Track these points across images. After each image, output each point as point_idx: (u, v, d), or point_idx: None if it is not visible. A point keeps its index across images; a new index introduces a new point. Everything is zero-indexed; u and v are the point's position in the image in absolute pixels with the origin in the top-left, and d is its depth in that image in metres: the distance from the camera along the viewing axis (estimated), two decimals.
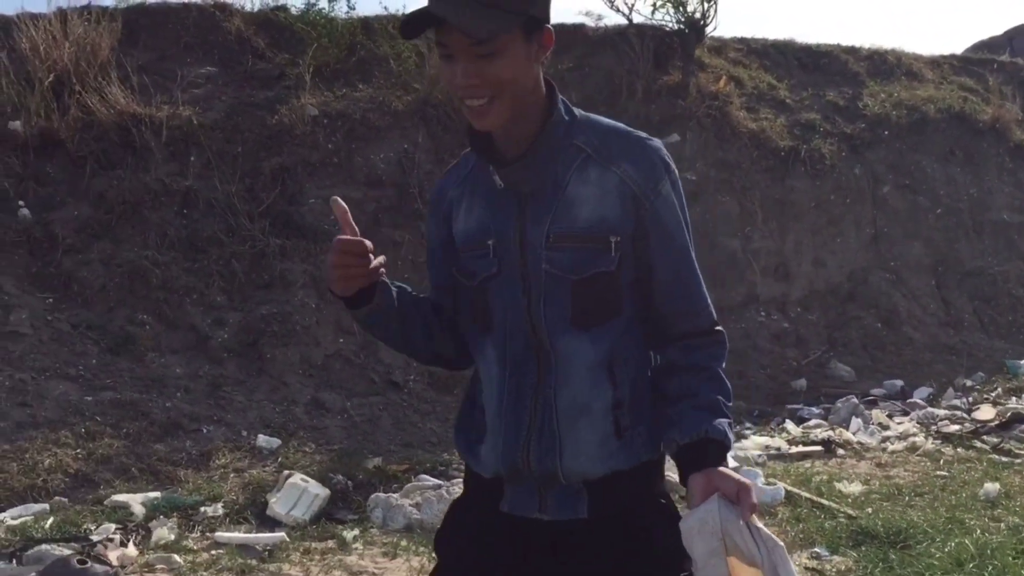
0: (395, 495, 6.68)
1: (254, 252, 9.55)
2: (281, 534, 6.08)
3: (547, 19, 2.28)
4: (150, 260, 9.14)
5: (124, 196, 9.43)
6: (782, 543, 2.07)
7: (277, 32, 11.68)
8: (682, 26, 12.85)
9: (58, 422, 7.42)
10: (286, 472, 6.75)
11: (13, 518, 6.30)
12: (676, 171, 2.37)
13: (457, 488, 6.39)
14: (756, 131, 12.66)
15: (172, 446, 7.52)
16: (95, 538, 5.91)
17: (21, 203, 9.23)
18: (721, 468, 2.16)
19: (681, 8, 12.77)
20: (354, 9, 12.16)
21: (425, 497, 6.56)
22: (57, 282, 8.86)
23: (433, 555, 2.65)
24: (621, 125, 2.40)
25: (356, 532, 6.20)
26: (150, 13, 11.27)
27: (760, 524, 2.08)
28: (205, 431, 7.79)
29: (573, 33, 13.20)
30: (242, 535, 6.11)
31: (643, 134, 2.37)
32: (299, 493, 6.49)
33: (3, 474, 6.75)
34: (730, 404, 2.32)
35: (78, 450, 7.15)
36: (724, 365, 2.37)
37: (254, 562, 5.74)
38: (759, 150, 12.53)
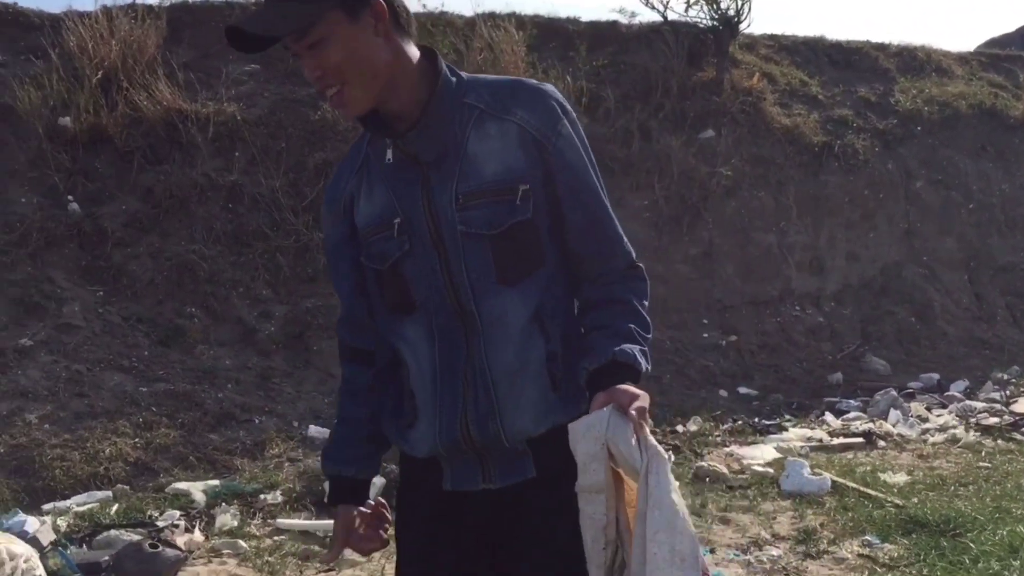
0: None
1: (298, 246, 9.69)
2: None
3: None
4: (197, 254, 9.30)
5: (171, 191, 9.59)
6: (667, 456, 2.06)
7: None
8: (716, 23, 12.93)
9: (115, 412, 7.57)
10: None
11: (79, 505, 6.46)
12: (572, 112, 2.34)
13: None
14: (790, 127, 12.74)
15: (226, 436, 7.66)
16: (161, 524, 6.05)
17: (70, 198, 9.38)
18: (622, 385, 2.13)
19: (715, 5, 12.86)
20: None
21: None
22: (107, 275, 9.01)
23: None
24: (508, 77, 2.42)
25: None
26: (193, 11, 11.43)
27: (651, 438, 2.05)
28: (257, 421, 7.93)
29: (607, 30, 13.35)
30: (303, 521, 6.24)
31: (534, 81, 2.36)
32: None
33: (66, 462, 6.90)
34: (647, 335, 2.29)
35: (136, 439, 7.30)
36: (645, 302, 2.35)
37: (316, 548, 5.86)
38: (793, 146, 12.61)
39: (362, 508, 2.52)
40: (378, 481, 6.65)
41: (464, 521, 2.38)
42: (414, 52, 2.28)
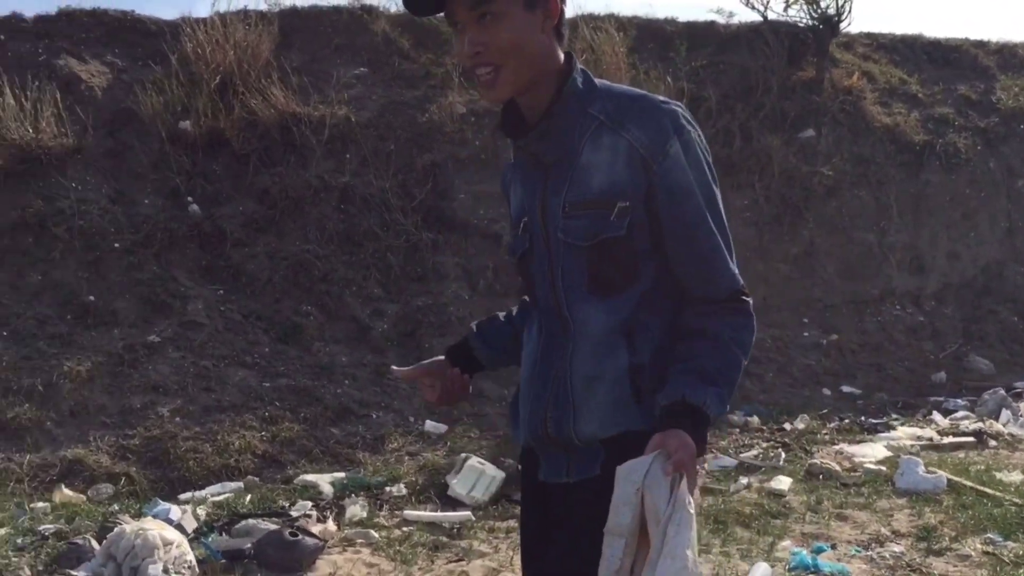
0: None
1: (408, 246, 9.91)
2: (467, 513, 6.40)
3: None
4: (311, 253, 9.57)
5: (286, 192, 9.87)
6: (694, 512, 2.08)
7: (421, 33, 12.01)
8: (816, 22, 12.93)
9: (241, 406, 7.86)
10: (463, 455, 7.06)
11: (213, 495, 6.75)
12: (692, 132, 2.32)
13: None
14: (890, 126, 12.70)
15: (346, 430, 7.92)
16: (294, 514, 6.30)
17: (190, 199, 9.70)
18: (679, 430, 2.16)
19: (815, 4, 12.86)
20: None
21: None
22: (226, 274, 9.31)
23: None
24: (638, 91, 2.41)
25: None
26: (302, 16, 11.71)
27: (687, 493, 2.07)
28: (375, 416, 8.18)
29: (704, 30, 13.39)
30: (430, 513, 6.45)
31: (660, 98, 2.36)
32: (477, 475, 6.81)
33: (199, 454, 7.21)
34: (733, 374, 2.29)
35: (263, 432, 7.58)
36: (742, 336, 2.33)
37: (444, 539, 6.06)
38: (894, 144, 12.57)
39: (456, 369, 2.72)
40: (497, 474, 6.87)
41: (549, 515, 2.47)
42: (561, 58, 2.35)
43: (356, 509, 6.44)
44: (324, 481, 6.92)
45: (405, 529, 6.23)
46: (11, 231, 8.92)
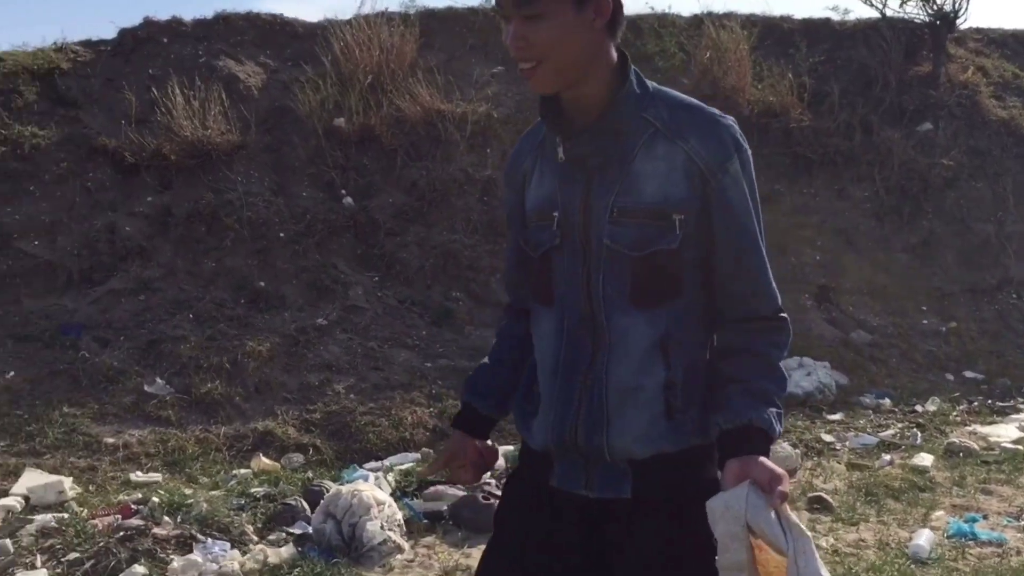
0: None
1: None
2: None
3: None
4: (458, 243, 10.15)
5: (433, 184, 10.46)
6: (810, 535, 2.08)
7: None
8: (932, 18, 13.25)
9: (408, 384, 8.46)
10: None
11: (395, 464, 7.34)
12: (748, 151, 2.31)
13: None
14: (1006, 119, 12.98)
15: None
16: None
17: (344, 192, 10.34)
18: (758, 456, 2.16)
19: (931, 1, 13.19)
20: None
21: None
22: (380, 262, 9.92)
23: None
24: (694, 101, 2.36)
25: None
26: (439, 18, 12.33)
27: (792, 515, 2.10)
28: None
29: (821, 27, 13.78)
30: None
31: (716, 111, 2.33)
32: None
33: (377, 427, 7.81)
34: (782, 393, 2.29)
35: (431, 408, 8.16)
36: (785, 354, 2.35)
37: None
38: (1010, 137, 12.85)
39: (476, 441, 2.67)
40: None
41: (561, 519, 2.42)
42: (613, 55, 2.30)
43: None
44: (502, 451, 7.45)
45: None
46: (186, 221, 9.61)
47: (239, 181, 9.98)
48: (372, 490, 6.03)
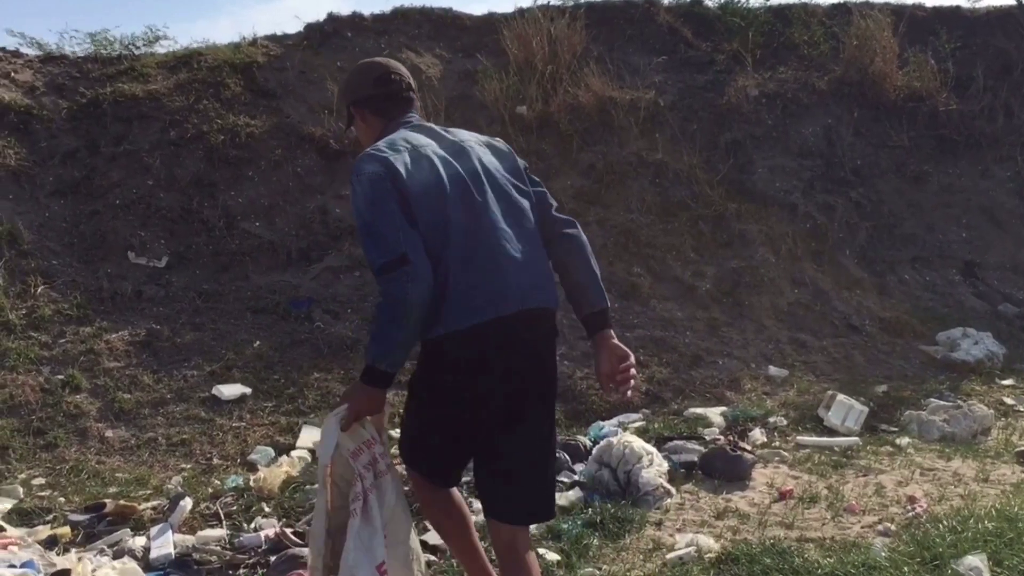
0: (924, 412, 8.12)
1: (715, 215, 11.16)
2: (855, 438, 7.61)
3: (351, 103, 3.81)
4: (634, 222, 10.87)
5: (609, 168, 11.19)
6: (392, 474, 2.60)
7: (697, 23, 13.24)
8: None
9: None
10: (830, 392, 8.28)
11: (622, 423, 8.05)
12: (355, 180, 3.35)
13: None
14: None
15: (703, 373, 9.18)
16: (706, 436, 7.57)
17: None
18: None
19: None
20: (768, 1, 13.65)
21: (951, 414, 7.99)
22: None
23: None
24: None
25: (907, 440, 7.68)
26: (599, 9, 13.05)
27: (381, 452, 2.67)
28: (721, 363, 9.43)
29: (950, 15, 14.35)
30: (821, 439, 7.66)
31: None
32: (847, 408, 8.00)
33: (596, 391, 8.49)
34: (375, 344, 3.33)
35: (640, 374, 8.88)
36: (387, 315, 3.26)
37: (842, 459, 7.26)
38: None
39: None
40: (863, 408, 8.05)
41: None
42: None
43: (757, 434, 7.70)
44: (713, 413, 8.17)
45: (803, 451, 7.45)
46: None
47: None
48: (636, 440, 6.76)
